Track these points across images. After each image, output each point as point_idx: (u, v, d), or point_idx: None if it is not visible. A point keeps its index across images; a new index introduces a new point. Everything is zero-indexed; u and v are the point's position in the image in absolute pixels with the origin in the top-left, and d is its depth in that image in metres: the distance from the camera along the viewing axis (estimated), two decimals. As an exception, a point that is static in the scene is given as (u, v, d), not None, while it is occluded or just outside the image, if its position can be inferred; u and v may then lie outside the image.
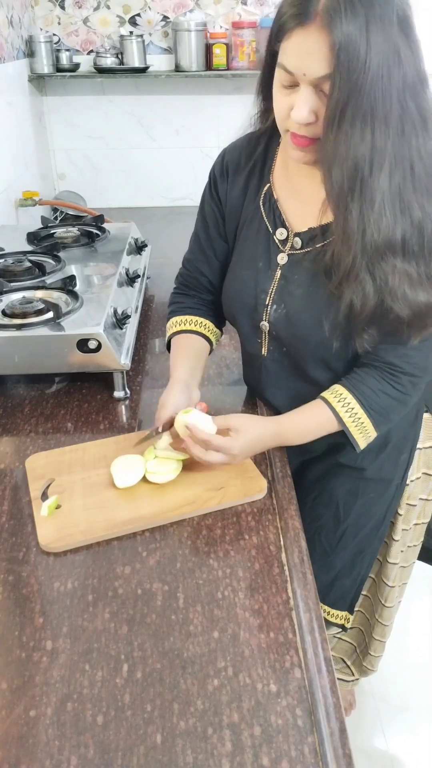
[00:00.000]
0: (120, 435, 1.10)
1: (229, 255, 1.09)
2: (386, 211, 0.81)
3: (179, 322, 1.15)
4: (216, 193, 1.07)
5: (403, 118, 0.77)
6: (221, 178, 1.06)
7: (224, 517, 0.93)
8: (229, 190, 1.05)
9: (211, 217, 1.09)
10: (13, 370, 1.21)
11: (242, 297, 1.05)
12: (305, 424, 1.00)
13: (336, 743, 0.64)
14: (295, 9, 0.76)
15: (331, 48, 0.74)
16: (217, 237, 1.10)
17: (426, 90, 0.79)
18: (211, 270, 1.13)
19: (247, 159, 1.03)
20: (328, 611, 1.23)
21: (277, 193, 1.00)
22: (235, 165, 1.04)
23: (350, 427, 0.97)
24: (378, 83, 0.74)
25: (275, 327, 1.03)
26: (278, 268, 1.00)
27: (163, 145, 2.64)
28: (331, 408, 0.97)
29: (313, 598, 0.80)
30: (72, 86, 2.50)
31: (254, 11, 2.43)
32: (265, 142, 1.02)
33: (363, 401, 0.96)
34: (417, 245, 0.83)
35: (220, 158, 1.07)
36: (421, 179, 0.81)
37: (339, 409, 0.97)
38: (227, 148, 1.07)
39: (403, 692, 1.72)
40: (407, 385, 0.96)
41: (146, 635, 0.75)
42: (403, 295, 0.85)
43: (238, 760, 0.63)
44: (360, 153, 0.78)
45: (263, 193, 1.01)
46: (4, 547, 0.88)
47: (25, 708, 0.67)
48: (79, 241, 1.68)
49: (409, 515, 1.22)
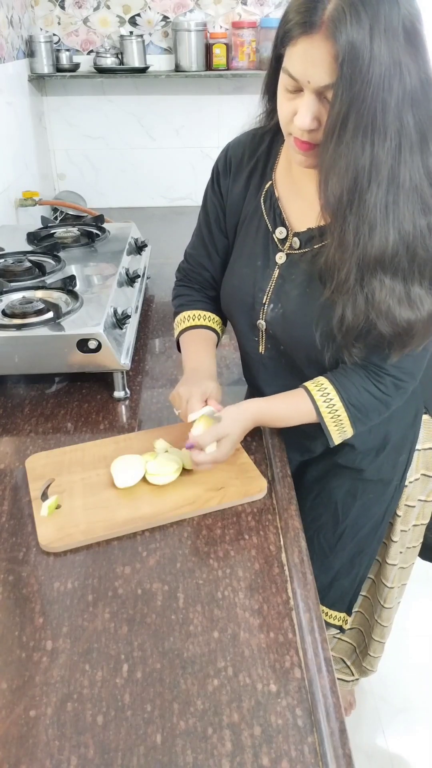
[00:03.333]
0: (120, 435, 1.10)
1: (230, 251, 1.10)
2: (380, 226, 0.80)
3: (188, 318, 1.15)
4: (218, 188, 1.07)
5: (400, 132, 0.77)
6: (224, 174, 1.06)
7: (224, 517, 0.93)
8: (231, 185, 1.05)
9: (212, 213, 1.09)
10: (13, 370, 1.21)
11: (240, 295, 1.05)
12: (285, 411, 1.01)
13: (336, 743, 0.64)
14: (300, 17, 0.76)
15: (335, 58, 0.74)
16: (219, 232, 1.10)
17: (430, 102, 0.78)
18: (213, 265, 1.13)
19: (251, 155, 1.03)
20: (326, 612, 1.23)
21: (279, 192, 1.00)
22: (239, 161, 1.04)
23: (326, 420, 0.97)
24: (378, 95, 0.74)
25: (272, 326, 1.03)
26: (276, 267, 1.00)
27: (163, 145, 2.64)
28: (311, 398, 0.97)
29: (313, 598, 0.80)
30: (72, 86, 2.50)
31: (254, 11, 2.43)
32: (269, 140, 1.02)
33: (343, 394, 0.96)
34: (406, 262, 0.83)
35: (224, 153, 1.07)
36: (412, 196, 0.81)
37: (318, 399, 0.97)
38: (231, 144, 1.07)
39: (403, 692, 1.72)
40: (390, 387, 0.96)
41: (146, 635, 0.75)
42: (387, 312, 0.85)
43: (238, 760, 0.63)
44: (360, 165, 0.77)
45: (265, 190, 1.01)
46: (4, 547, 0.88)
47: (25, 708, 0.67)
48: (79, 241, 1.68)
49: (408, 516, 1.22)
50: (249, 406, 0.99)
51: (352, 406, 0.96)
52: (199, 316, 1.15)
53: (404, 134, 0.77)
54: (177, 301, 1.19)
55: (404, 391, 0.99)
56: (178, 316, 1.17)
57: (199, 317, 1.15)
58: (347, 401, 0.96)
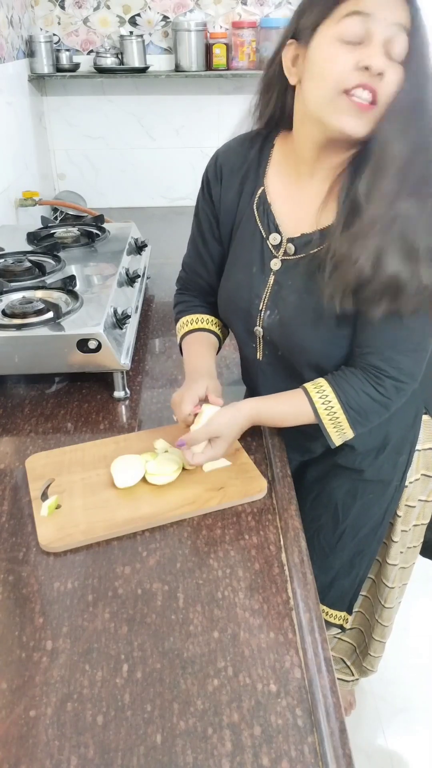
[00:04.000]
0: (120, 435, 1.10)
1: (225, 258, 1.09)
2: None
3: (188, 322, 1.15)
4: (209, 196, 1.06)
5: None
6: (215, 181, 1.05)
7: (224, 517, 0.93)
8: (223, 193, 1.04)
9: (205, 221, 1.09)
10: (13, 370, 1.21)
11: (236, 301, 1.05)
12: (282, 413, 1.00)
13: (336, 743, 0.64)
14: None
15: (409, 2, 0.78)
16: (212, 240, 1.09)
17: None
18: (208, 273, 1.13)
19: (242, 161, 1.02)
20: (326, 611, 1.23)
21: (271, 197, 0.99)
22: (229, 168, 1.03)
23: (325, 422, 0.97)
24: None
25: (269, 332, 1.02)
26: (272, 273, 1.00)
27: (163, 145, 2.64)
28: (309, 400, 0.97)
29: (313, 598, 0.80)
30: (72, 86, 2.50)
31: (254, 11, 2.43)
32: (259, 144, 1.01)
33: (342, 397, 0.95)
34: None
35: (213, 160, 1.06)
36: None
37: (317, 401, 0.96)
38: (220, 151, 1.06)
39: (403, 692, 1.72)
40: (390, 389, 0.95)
41: (146, 635, 0.75)
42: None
43: (238, 760, 0.63)
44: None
45: (257, 196, 1.00)
46: (4, 547, 0.88)
47: (25, 708, 0.67)
48: (79, 241, 1.68)
49: (408, 516, 1.22)
50: (244, 406, 0.99)
51: (351, 409, 0.96)
52: (199, 320, 1.15)
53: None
54: (177, 308, 1.20)
55: (404, 393, 0.98)
56: (179, 321, 1.17)
57: (198, 321, 1.15)
58: (346, 404, 0.95)
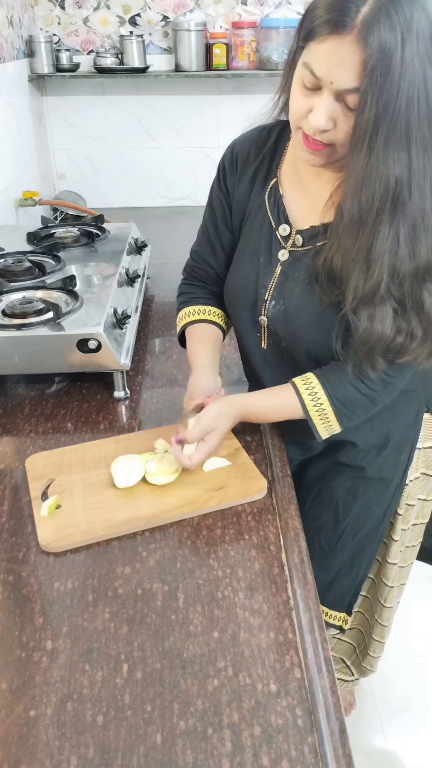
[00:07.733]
0: (120, 435, 1.10)
1: (235, 247, 1.09)
2: (426, 233, 0.80)
3: (190, 313, 1.16)
4: (224, 184, 1.07)
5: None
6: (230, 170, 1.06)
7: (224, 517, 0.93)
8: (237, 182, 1.05)
9: (218, 209, 1.09)
10: (13, 370, 1.21)
11: (243, 291, 1.05)
12: (270, 406, 1.02)
13: (336, 743, 0.64)
14: (331, 15, 0.73)
15: (364, 63, 0.72)
16: (225, 229, 1.10)
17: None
18: (218, 261, 1.13)
19: (257, 152, 1.03)
20: (326, 612, 1.23)
21: (283, 189, 1.00)
22: (245, 157, 1.04)
23: (312, 414, 0.97)
24: (413, 104, 0.72)
25: (273, 323, 1.03)
26: (279, 264, 1.00)
27: (163, 145, 2.64)
28: (297, 393, 0.98)
29: (313, 598, 0.80)
30: (72, 86, 2.50)
31: (254, 11, 2.43)
32: (276, 136, 1.02)
33: (329, 389, 0.96)
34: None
35: (230, 150, 1.07)
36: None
37: (304, 394, 0.97)
38: (237, 140, 1.06)
39: (403, 692, 1.72)
40: (377, 383, 0.96)
41: (146, 635, 0.75)
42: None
43: (238, 760, 0.63)
44: (396, 173, 0.76)
45: (269, 187, 1.01)
46: (4, 547, 0.88)
47: (25, 708, 0.67)
48: (79, 241, 1.68)
49: (408, 515, 1.22)
50: (234, 400, 1.01)
51: (337, 401, 0.96)
52: (202, 311, 1.15)
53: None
54: (180, 298, 1.20)
55: (393, 387, 0.98)
56: (181, 311, 1.17)
57: (201, 312, 1.15)
58: (333, 396, 0.96)
